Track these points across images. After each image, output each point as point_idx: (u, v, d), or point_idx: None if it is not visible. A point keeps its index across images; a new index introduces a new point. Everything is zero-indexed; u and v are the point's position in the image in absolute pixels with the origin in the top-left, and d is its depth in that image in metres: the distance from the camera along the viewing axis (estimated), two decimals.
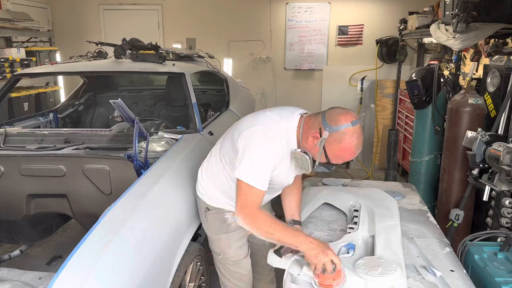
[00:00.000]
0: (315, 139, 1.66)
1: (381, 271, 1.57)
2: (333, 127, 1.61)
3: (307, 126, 1.72)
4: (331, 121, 1.63)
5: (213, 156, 1.97)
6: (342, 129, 1.60)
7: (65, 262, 1.46)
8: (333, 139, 1.62)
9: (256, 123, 1.74)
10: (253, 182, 1.66)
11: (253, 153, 1.68)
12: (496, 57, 2.91)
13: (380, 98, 5.96)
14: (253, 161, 1.67)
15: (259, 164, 1.67)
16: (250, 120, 1.81)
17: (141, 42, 3.60)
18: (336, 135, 1.61)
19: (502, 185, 2.38)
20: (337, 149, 1.63)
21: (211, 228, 2.03)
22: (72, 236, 3.56)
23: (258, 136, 1.70)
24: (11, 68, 4.88)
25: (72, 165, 2.34)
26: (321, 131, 1.64)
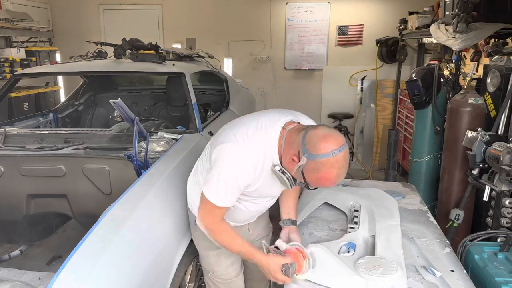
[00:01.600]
0: (293, 162, 1.51)
1: (382, 271, 1.57)
2: (311, 155, 1.44)
3: (288, 142, 1.55)
4: (310, 147, 1.45)
5: (199, 167, 1.84)
6: (321, 159, 1.43)
7: (65, 262, 1.46)
8: (310, 167, 1.46)
9: (231, 138, 1.61)
10: (217, 201, 1.61)
11: (222, 171, 1.58)
12: (496, 57, 2.90)
13: (380, 98, 5.96)
14: (220, 180, 1.58)
15: (227, 183, 1.58)
16: (227, 132, 1.67)
17: (141, 42, 3.60)
18: (314, 164, 1.45)
19: (502, 185, 2.38)
20: (315, 177, 1.48)
21: (200, 243, 1.95)
22: (72, 236, 3.55)
23: (230, 153, 1.58)
24: (11, 68, 4.88)
25: (72, 165, 2.34)
26: (299, 155, 1.48)
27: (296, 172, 1.51)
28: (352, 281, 1.57)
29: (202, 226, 1.71)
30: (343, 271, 1.62)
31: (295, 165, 1.50)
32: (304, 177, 1.50)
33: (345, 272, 1.61)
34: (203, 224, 1.70)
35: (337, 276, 1.60)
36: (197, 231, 1.85)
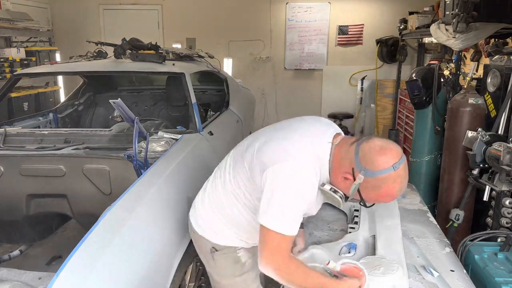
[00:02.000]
0: (347, 180, 1.38)
1: (383, 270, 1.57)
2: (369, 171, 1.31)
3: (337, 158, 1.41)
4: (366, 163, 1.32)
5: (221, 186, 1.60)
6: (381, 176, 1.31)
7: (65, 262, 1.45)
8: (369, 185, 1.33)
9: (285, 157, 1.38)
10: (285, 230, 1.36)
11: (286, 196, 1.35)
12: (496, 57, 2.90)
13: (380, 98, 5.96)
14: (285, 206, 1.36)
15: (293, 208, 1.37)
16: (275, 150, 1.43)
17: (141, 42, 3.60)
18: (373, 181, 1.32)
19: (502, 185, 2.38)
20: (375, 195, 1.36)
21: (221, 272, 1.68)
22: (72, 236, 3.54)
23: (290, 175, 1.36)
24: (11, 68, 4.88)
25: (72, 165, 2.34)
26: (354, 173, 1.35)
27: (349, 190, 1.39)
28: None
29: (271, 269, 1.39)
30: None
31: (349, 183, 1.37)
32: (361, 195, 1.38)
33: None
34: (272, 267, 1.38)
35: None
36: (218, 259, 1.63)
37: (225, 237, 1.62)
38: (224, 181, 1.58)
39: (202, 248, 1.69)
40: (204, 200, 1.66)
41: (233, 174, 1.55)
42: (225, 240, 1.63)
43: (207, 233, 1.64)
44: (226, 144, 3.10)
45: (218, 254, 1.63)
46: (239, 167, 1.53)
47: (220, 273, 1.69)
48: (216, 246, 1.63)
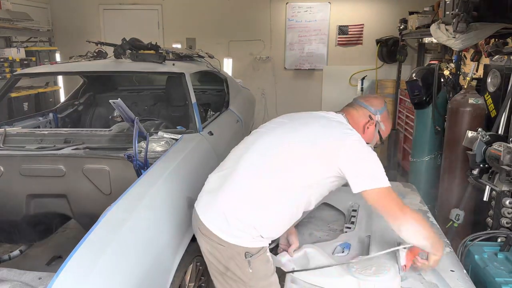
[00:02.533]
0: (371, 125, 1.81)
1: (374, 270, 1.57)
2: (380, 109, 1.84)
3: (353, 121, 1.80)
4: (375, 105, 1.84)
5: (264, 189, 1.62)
6: (385, 108, 1.87)
7: (65, 262, 1.46)
8: (383, 119, 1.83)
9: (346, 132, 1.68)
10: (388, 183, 1.57)
11: (369, 158, 1.59)
12: (496, 57, 2.90)
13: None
14: (374, 165, 1.59)
15: (379, 165, 1.60)
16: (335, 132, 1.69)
17: (141, 42, 3.60)
18: (385, 114, 1.86)
19: (502, 185, 2.37)
20: (386, 125, 1.86)
21: (258, 276, 1.64)
22: (72, 236, 3.55)
23: (360, 141, 1.66)
24: (11, 68, 4.88)
25: (72, 165, 2.34)
26: (371, 117, 1.81)
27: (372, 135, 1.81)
28: (344, 281, 1.57)
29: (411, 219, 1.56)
30: (335, 271, 1.62)
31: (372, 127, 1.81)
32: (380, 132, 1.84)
33: (337, 272, 1.61)
34: (409, 216, 1.56)
35: (329, 276, 1.60)
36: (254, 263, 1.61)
37: (257, 239, 1.62)
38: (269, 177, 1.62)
39: (233, 257, 1.62)
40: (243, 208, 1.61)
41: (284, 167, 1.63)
42: (259, 241, 1.62)
43: (243, 239, 1.60)
44: (226, 144, 3.10)
45: (253, 258, 1.61)
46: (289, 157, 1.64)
47: (256, 277, 1.64)
48: (250, 251, 1.60)
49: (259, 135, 1.78)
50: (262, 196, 1.61)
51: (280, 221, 1.67)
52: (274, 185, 1.61)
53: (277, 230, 1.69)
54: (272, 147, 1.69)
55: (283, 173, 1.62)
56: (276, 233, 1.70)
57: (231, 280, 1.66)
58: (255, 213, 1.60)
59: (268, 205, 1.61)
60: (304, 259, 1.71)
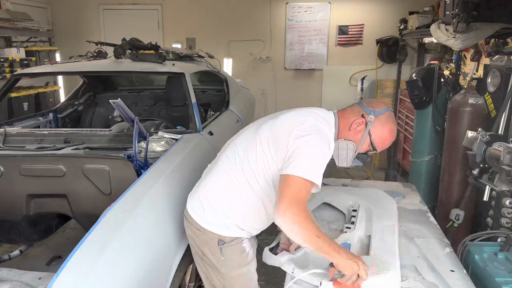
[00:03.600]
0: (360, 124, 1.66)
1: (375, 270, 1.57)
2: (377, 111, 1.65)
3: (343, 118, 1.71)
4: (373, 106, 1.67)
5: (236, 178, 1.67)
6: (385, 113, 1.67)
7: (65, 262, 1.46)
8: (378, 122, 1.65)
9: (306, 120, 1.63)
10: (312, 177, 1.47)
11: (313, 148, 1.53)
12: (496, 57, 2.90)
13: (380, 98, 5.96)
14: (313, 156, 1.52)
15: (320, 160, 1.53)
16: (293, 118, 1.66)
17: (141, 42, 3.60)
18: (381, 118, 1.65)
19: (503, 185, 2.37)
20: (382, 131, 1.66)
21: (229, 264, 1.71)
22: (72, 236, 3.55)
23: (314, 132, 1.58)
24: (11, 68, 4.87)
25: (72, 165, 2.34)
26: (364, 117, 1.65)
27: (360, 137, 1.65)
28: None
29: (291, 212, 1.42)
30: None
31: (361, 127, 1.65)
32: (371, 138, 1.64)
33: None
34: (293, 209, 1.42)
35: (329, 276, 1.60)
36: (226, 251, 1.68)
37: (232, 229, 1.68)
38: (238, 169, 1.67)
39: (207, 243, 1.71)
40: (214, 196, 1.70)
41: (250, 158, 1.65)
42: (234, 231, 1.69)
43: (215, 226, 1.68)
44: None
45: (226, 246, 1.68)
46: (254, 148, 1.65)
47: (227, 265, 1.72)
48: (223, 239, 1.67)
49: (245, 128, 1.83)
50: (232, 187, 1.67)
51: (252, 214, 1.69)
52: (240, 177, 1.66)
53: (253, 223, 1.72)
54: (245, 140, 1.73)
55: (248, 165, 1.65)
56: (253, 226, 1.73)
57: (207, 265, 1.75)
58: (227, 203, 1.68)
59: (236, 196, 1.67)
60: (304, 259, 1.71)
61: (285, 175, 1.49)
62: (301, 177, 1.46)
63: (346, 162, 1.67)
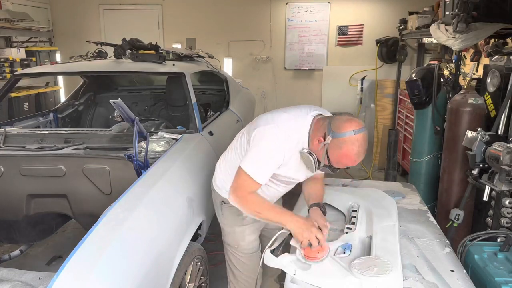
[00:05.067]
0: (320, 142, 1.73)
1: (376, 271, 1.57)
2: (336, 133, 1.67)
3: (315, 128, 1.79)
4: (335, 127, 1.69)
5: (233, 149, 2.05)
6: (344, 137, 1.66)
7: (65, 262, 1.46)
8: (334, 145, 1.68)
9: (270, 122, 1.84)
10: (254, 174, 1.77)
11: (261, 148, 1.79)
12: (496, 57, 2.90)
13: (380, 98, 5.96)
14: (260, 156, 1.79)
15: (264, 160, 1.79)
16: (266, 118, 1.89)
17: (141, 42, 3.60)
18: (337, 142, 1.67)
19: (502, 185, 2.37)
20: (338, 154, 1.69)
21: (226, 221, 2.12)
22: (72, 236, 3.56)
23: (269, 134, 1.79)
24: (11, 68, 4.88)
25: (72, 165, 2.34)
26: (325, 136, 1.71)
27: (321, 153, 1.72)
28: (346, 281, 1.56)
29: (233, 197, 1.82)
30: (337, 272, 1.62)
31: (321, 145, 1.71)
32: (328, 156, 1.71)
33: (339, 273, 1.61)
34: (234, 194, 1.81)
35: (331, 277, 1.60)
36: (225, 210, 2.09)
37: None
38: (236, 148, 2.02)
39: (215, 201, 2.16)
40: (221, 165, 2.12)
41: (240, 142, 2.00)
42: None
43: (220, 190, 2.09)
44: (226, 144, 3.09)
45: (225, 206, 2.07)
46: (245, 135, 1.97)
47: (224, 222, 2.14)
48: (224, 200, 2.05)
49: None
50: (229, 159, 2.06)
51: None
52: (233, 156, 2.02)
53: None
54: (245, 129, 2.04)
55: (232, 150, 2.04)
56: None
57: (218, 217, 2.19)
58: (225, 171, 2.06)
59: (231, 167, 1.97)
60: (306, 261, 1.71)
61: (240, 166, 1.81)
62: (246, 173, 1.77)
63: (312, 169, 1.80)
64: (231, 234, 2.13)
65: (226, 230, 2.15)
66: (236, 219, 2.07)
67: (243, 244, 2.12)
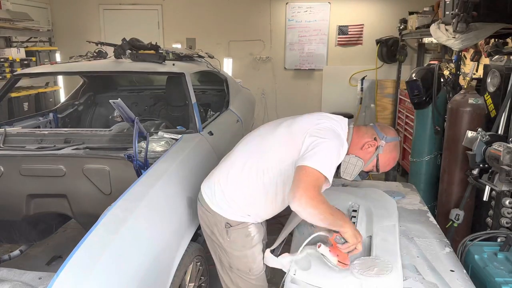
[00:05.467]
0: (371, 146, 1.81)
1: (376, 271, 1.57)
2: (388, 138, 1.82)
3: (357, 135, 1.84)
4: (386, 133, 1.84)
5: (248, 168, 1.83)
6: (395, 141, 1.85)
7: (65, 262, 1.46)
8: (387, 147, 1.82)
9: (322, 120, 1.80)
10: (324, 170, 1.62)
11: (327, 145, 1.69)
12: (496, 57, 2.90)
13: (380, 98, 5.96)
14: (327, 153, 1.68)
15: (332, 156, 1.69)
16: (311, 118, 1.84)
17: (141, 42, 3.60)
18: (391, 145, 1.83)
19: (502, 185, 2.37)
20: (388, 158, 1.83)
21: (235, 246, 1.88)
22: (72, 236, 3.55)
23: (329, 131, 1.75)
24: (11, 68, 4.87)
25: (72, 165, 2.34)
26: (376, 140, 1.82)
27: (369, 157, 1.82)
28: (346, 282, 1.56)
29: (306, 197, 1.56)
30: (337, 272, 1.62)
31: (372, 149, 1.81)
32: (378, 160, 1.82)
33: (339, 273, 1.61)
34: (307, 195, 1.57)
35: (331, 278, 1.60)
36: (232, 233, 1.85)
37: (241, 214, 1.84)
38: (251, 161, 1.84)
39: (216, 225, 1.88)
40: (228, 184, 1.85)
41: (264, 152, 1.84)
42: (241, 217, 1.85)
43: (225, 211, 1.84)
44: (226, 144, 3.10)
45: (233, 229, 1.85)
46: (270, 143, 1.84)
47: (233, 247, 1.89)
48: (230, 222, 1.84)
49: (263, 125, 2.02)
50: (242, 176, 1.83)
51: (257, 203, 1.84)
52: (251, 168, 1.82)
53: (258, 210, 1.87)
54: (263, 135, 1.92)
55: (260, 158, 1.83)
56: (258, 213, 1.88)
57: (215, 244, 1.94)
58: (235, 190, 1.83)
59: (244, 185, 1.82)
60: (306, 261, 1.71)
61: (302, 166, 1.63)
62: (317, 170, 1.61)
63: (350, 176, 1.82)
64: (241, 259, 1.91)
65: (235, 255, 1.90)
66: (245, 240, 1.87)
67: (254, 266, 1.93)
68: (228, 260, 1.93)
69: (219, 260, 1.97)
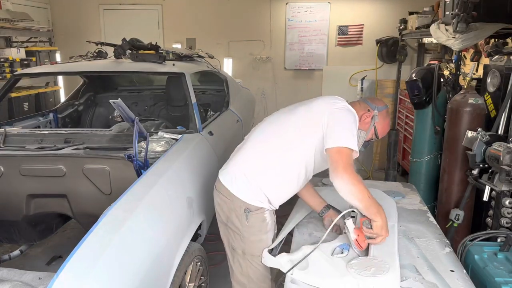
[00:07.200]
0: (367, 117, 2.00)
1: (373, 271, 1.57)
2: (380, 107, 2.04)
3: (356, 109, 1.98)
4: (376, 103, 2.05)
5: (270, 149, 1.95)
6: (386, 109, 2.07)
7: (65, 262, 1.46)
8: (381, 116, 2.02)
9: (336, 101, 1.96)
10: (353, 146, 1.78)
11: (348, 122, 1.86)
12: (496, 57, 2.90)
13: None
14: (350, 128, 1.84)
15: (354, 131, 1.85)
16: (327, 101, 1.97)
17: (141, 42, 3.60)
18: (383, 113, 2.04)
19: (502, 185, 2.37)
20: (383, 124, 2.03)
21: (252, 230, 1.92)
22: (72, 236, 3.55)
23: (345, 109, 1.92)
24: (11, 68, 4.88)
25: (72, 165, 2.34)
26: (370, 111, 2.01)
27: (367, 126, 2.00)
28: (343, 282, 1.57)
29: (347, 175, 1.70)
30: (335, 272, 1.62)
31: (368, 119, 2.00)
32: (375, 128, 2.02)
33: (337, 273, 1.61)
34: (348, 173, 1.70)
35: (329, 277, 1.60)
36: (250, 218, 1.91)
37: (260, 200, 1.90)
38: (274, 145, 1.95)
39: (235, 209, 1.93)
40: (249, 165, 1.94)
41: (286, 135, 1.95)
42: (260, 202, 1.91)
43: (246, 196, 1.90)
44: (226, 144, 3.10)
45: (252, 214, 1.90)
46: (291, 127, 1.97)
47: (250, 231, 1.93)
48: (249, 207, 1.90)
49: (274, 113, 2.16)
50: (266, 156, 1.93)
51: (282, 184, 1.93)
52: (275, 147, 1.94)
53: (279, 193, 1.95)
54: (280, 117, 2.07)
55: (282, 136, 1.95)
56: (281, 197, 1.96)
57: (230, 230, 1.98)
58: (257, 171, 1.91)
59: (267, 164, 1.92)
60: (304, 261, 1.71)
61: (335, 147, 1.77)
62: (347, 147, 1.76)
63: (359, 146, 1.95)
64: (256, 244, 1.93)
65: (251, 239, 1.93)
66: (262, 225, 1.92)
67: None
68: (242, 246, 1.96)
69: (232, 248, 2.01)
